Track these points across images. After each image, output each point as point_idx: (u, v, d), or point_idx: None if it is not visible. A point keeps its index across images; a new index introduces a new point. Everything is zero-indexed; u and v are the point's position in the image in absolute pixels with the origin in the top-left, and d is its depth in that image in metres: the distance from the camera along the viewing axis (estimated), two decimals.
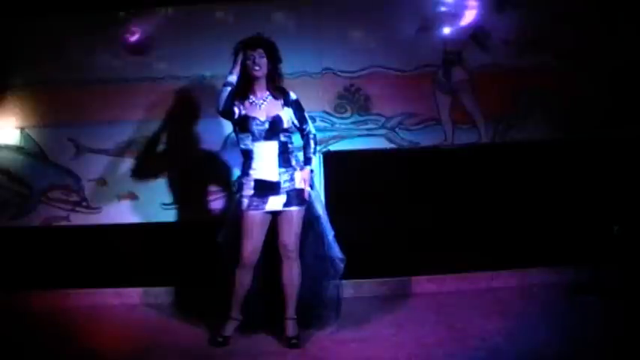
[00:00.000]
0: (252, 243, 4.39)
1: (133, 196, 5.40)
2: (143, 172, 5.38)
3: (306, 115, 4.53)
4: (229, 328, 4.51)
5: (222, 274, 4.48)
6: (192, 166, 5.36)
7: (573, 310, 4.72)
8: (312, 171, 4.51)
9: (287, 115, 4.42)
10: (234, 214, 4.52)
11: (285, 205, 4.39)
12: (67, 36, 5.30)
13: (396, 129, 5.33)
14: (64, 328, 4.96)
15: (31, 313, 5.20)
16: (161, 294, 5.37)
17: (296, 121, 4.47)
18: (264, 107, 4.39)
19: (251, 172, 4.39)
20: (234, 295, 4.48)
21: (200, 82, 5.30)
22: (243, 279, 4.44)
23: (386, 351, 4.26)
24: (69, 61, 5.32)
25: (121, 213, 5.41)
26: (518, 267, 5.29)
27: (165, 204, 5.39)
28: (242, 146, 4.43)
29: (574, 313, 4.66)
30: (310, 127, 4.53)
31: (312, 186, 4.51)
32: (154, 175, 5.38)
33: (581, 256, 5.14)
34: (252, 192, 4.37)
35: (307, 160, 4.50)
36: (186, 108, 5.32)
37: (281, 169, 4.39)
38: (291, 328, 4.45)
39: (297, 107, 4.47)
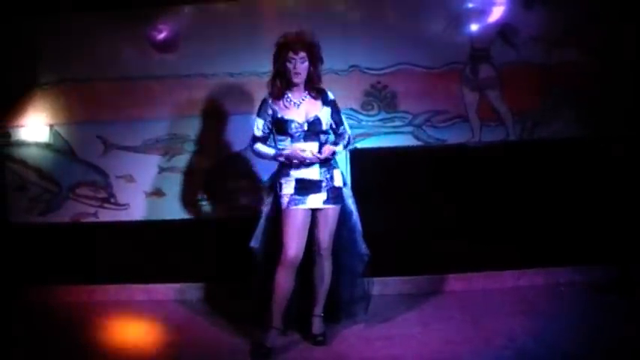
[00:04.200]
0: (297, 242, 4.23)
1: (160, 193, 5.44)
2: (170, 169, 5.42)
3: (343, 116, 4.48)
4: (272, 338, 4.30)
5: (257, 282, 4.41)
6: (220, 164, 5.38)
7: (601, 310, 4.67)
8: (334, 152, 4.33)
9: (326, 116, 4.34)
10: (270, 216, 4.40)
11: (325, 202, 4.32)
12: (96, 34, 5.33)
13: (423, 126, 5.30)
14: (90, 323, 5.03)
15: (58, 307, 5.27)
16: (189, 290, 5.41)
17: (333, 123, 4.40)
18: (302, 107, 4.33)
19: (292, 172, 4.29)
20: (274, 301, 4.27)
21: (228, 79, 5.31)
22: (285, 281, 4.24)
23: (412, 349, 4.26)
24: (97, 58, 5.36)
25: (149, 209, 5.45)
26: (545, 266, 5.24)
27: (192, 201, 5.43)
28: (280, 147, 4.37)
29: (602, 313, 4.62)
30: (346, 127, 4.47)
31: (344, 183, 4.46)
32: (181, 172, 5.42)
33: (610, 254, 5.09)
34: (292, 191, 4.28)
35: (336, 143, 4.39)
36: (213, 105, 5.34)
37: (322, 169, 4.31)
38: (317, 326, 4.45)
39: (334, 107, 4.41)
